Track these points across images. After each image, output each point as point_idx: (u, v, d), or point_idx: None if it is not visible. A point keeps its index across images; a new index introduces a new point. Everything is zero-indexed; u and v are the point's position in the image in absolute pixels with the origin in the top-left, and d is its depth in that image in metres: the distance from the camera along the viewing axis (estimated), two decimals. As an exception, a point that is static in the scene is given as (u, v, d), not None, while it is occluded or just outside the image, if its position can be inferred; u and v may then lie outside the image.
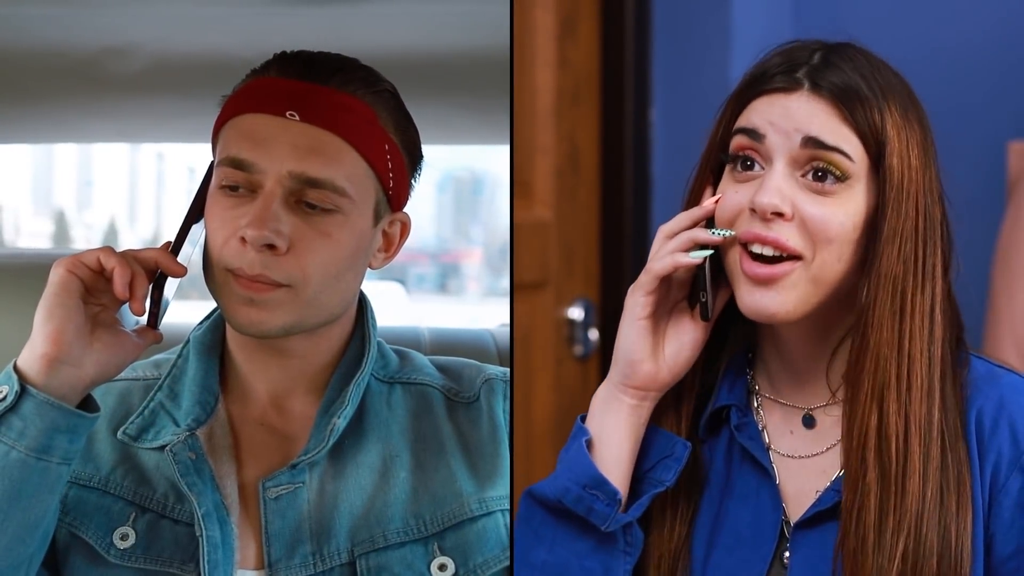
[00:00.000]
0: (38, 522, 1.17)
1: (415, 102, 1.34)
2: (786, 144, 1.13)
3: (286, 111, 1.23)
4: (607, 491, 1.16)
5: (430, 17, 1.67)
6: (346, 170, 1.24)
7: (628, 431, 1.19)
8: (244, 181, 1.23)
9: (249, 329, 1.24)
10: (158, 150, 13.47)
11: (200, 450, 1.27)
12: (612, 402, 1.20)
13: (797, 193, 1.13)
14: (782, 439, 1.22)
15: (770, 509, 1.19)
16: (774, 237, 1.12)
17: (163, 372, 1.34)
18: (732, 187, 1.16)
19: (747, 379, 1.24)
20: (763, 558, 1.18)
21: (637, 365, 1.18)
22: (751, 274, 1.14)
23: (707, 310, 1.18)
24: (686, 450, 1.19)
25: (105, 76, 1.76)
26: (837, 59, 1.15)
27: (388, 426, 1.31)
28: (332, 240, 1.24)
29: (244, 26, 1.68)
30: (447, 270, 14.56)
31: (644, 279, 1.18)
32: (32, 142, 2.13)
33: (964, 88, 2.14)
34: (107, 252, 1.19)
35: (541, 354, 2.19)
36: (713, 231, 1.16)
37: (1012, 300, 1.90)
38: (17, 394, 1.14)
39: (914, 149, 1.13)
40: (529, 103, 2.14)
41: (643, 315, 1.18)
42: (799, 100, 1.13)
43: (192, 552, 1.23)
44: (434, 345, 1.89)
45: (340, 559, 1.25)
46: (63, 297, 1.16)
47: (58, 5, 1.64)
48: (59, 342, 1.15)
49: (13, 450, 1.14)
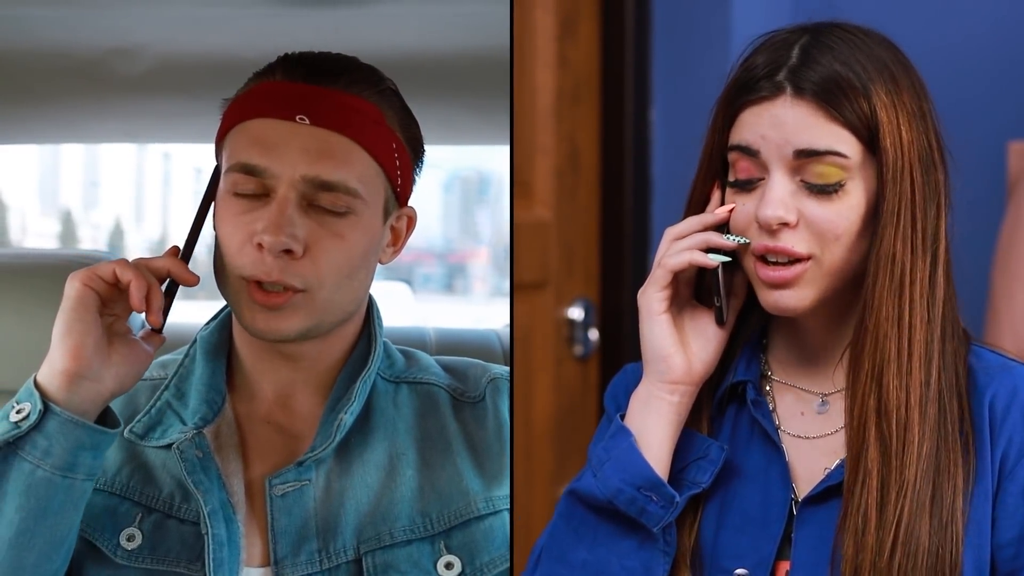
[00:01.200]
0: (64, 538, 1.18)
1: (415, 102, 1.34)
2: (780, 155, 1.14)
3: (296, 115, 1.23)
4: (664, 493, 1.17)
5: (430, 18, 1.67)
6: (357, 171, 1.25)
7: (669, 429, 1.19)
8: (256, 186, 1.23)
9: (267, 335, 1.24)
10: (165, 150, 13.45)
11: (207, 448, 1.27)
12: (652, 400, 1.20)
13: (799, 199, 1.14)
14: (792, 420, 1.23)
15: (779, 488, 1.20)
16: (783, 247, 1.14)
17: (169, 372, 1.35)
18: (739, 199, 1.18)
19: (760, 361, 1.26)
20: (772, 537, 1.19)
21: (670, 359, 1.19)
22: (767, 279, 1.16)
23: (722, 315, 1.20)
24: (722, 453, 1.20)
25: (110, 77, 1.76)
26: (816, 51, 1.14)
27: (394, 425, 1.32)
28: (346, 241, 1.24)
29: (248, 27, 1.68)
30: (453, 270, 14.55)
31: (658, 274, 1.19)
32: (38, 142, 2.14)
33: (964, 88, 2.13)
34: (123, 265, 1.19)
35: (541, 354, 2.19)
36: (728, 237, 1.18)
37: (1012, 300, 1.90)
38: (41, 412, 1.14)
39: (905, 124, 1.14)
40: (529, 103, 2.14)
41: (661, 309, 1.19)
42: (784, 107, 1.14)
43: (199, 551, 1.23)
44: (440, 345, 1.89)
45: (346, 556, 1.25)
46: (80, 312, 1.16)
47: (63, 6, 1.65)
48: (79, 357, 1.15)
49: (39, 469, 1.14)
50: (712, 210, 1.20)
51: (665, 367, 1.19)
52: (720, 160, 1.20)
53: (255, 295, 1.23)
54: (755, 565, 1.18)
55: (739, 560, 1.19)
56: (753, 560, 1.18)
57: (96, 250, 1.81)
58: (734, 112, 1.17)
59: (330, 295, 1.25)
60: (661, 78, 2.28)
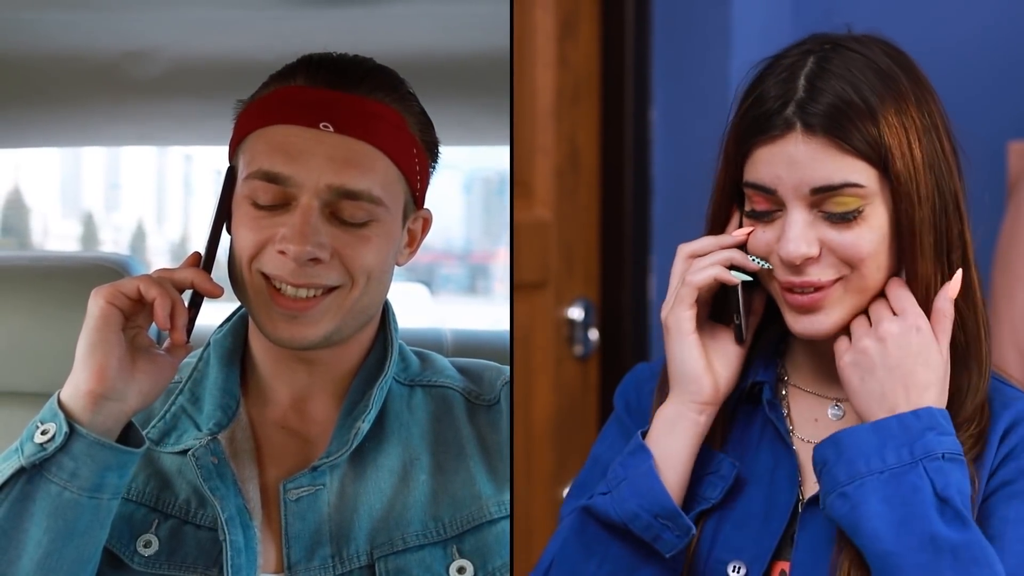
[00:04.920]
0: (91, 556, 1.18)
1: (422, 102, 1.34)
2: (797, 194, 1.14)
3: (319, 122, 1.23)
4: (680, 524, 1.16)
5: (430, 18, 1.67)
6: (380, 178, 1.25)
7: (692, 450, 1.20)
8: (277, 194, 1.22)
9: (291, 343, 1.24)
10: (186, 152, 13.44)
11: (222, 454, 1.27)
12: (680, 421, 1.19)
13: (821, 230, 1.15)
14: (805, 425, 1.23)
15: (786, 488, 1.20)
16: (809, 280, 1.15)
17: (183, 376, 1.34)
18: (757, 226, 1.18)
19: (776, 366, 1.26)
20: (773, 533, 1.19)
21: (701, 380, 1.19)
22: (795, 304, 1.16)
23: (741, 333, 1.21)
24: (734, 470, 1.21)
25: (126, 80, 1.77)
26: (821, 81, 1.14)
27: (408, 429, 1.31)
28: (372, 244, 1.24)
29: (263, 29, 1.68)
30: (475, 271, 14.53)
31: (684, 292, 1.19)
32: (55, 145, 2.14)
33: (964, 88, 2.13)
34: (147, 282, 1.18)
35: (541, 354, 2.19)
36: (752, 259, 1.18)
37: (1012, 300, 1.90)
38: (67, 435, 1.14)
39: (915, 141, 1.14)
40: (529, 103, 2.14)
41: (691, 329, 1.19)
42: (796, 144, 1.13)
43: (215, 557, 1.23)
44: (457, 347, 1.88)
45: (359, 562, 1.25)
46: (105, 332, 1.16)
47: (79, 10, 1.66)
48: (103, 379, 1.15)
49: (65, 491, 1.14)
50: (731, 231, 1.21)
51: (697, 388, 1.19)
52: (735, 190, 1.20)
53: (278, 303, 1.22)
54: (752, 559, 1.18)
55: (736, 554, 1.19)
56: (751, 554, 1.18)
57: (116, 253, 1.81)
58: (746, 149, 1.17)
59: (360, 295, 1.25)
60: (661, 78, 2.28)
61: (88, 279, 1.73)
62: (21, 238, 12.23)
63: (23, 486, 1.14)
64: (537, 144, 2.17)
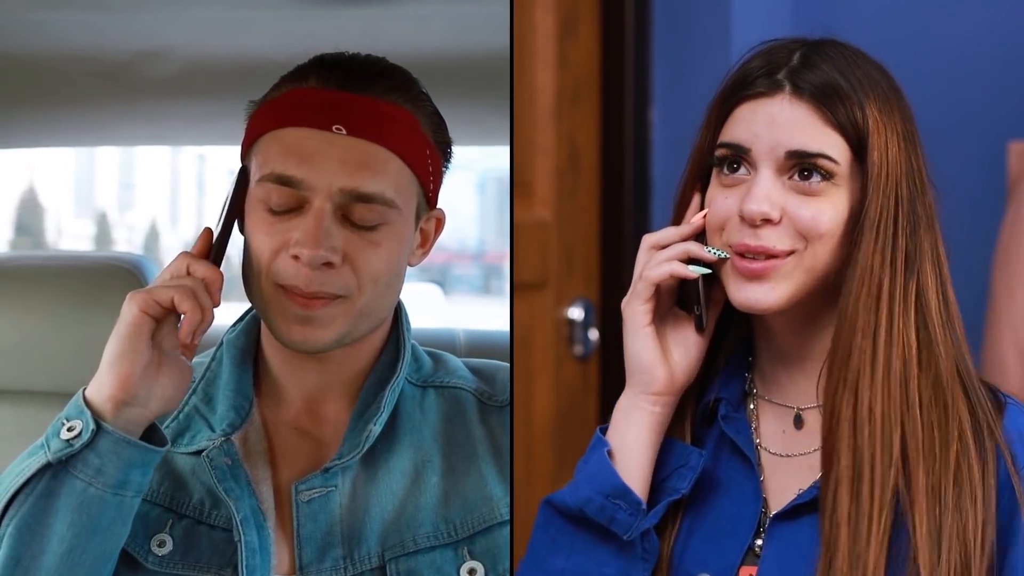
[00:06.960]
0: (112, 553, 1.19)
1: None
2: (772, 156, 1.15)
3: (332, 125, 1.22)
4: (630, 500, 1.17)
5: (430, 18, 1.67)
6: (393, 181, 1.24)
7: (649, 439, 1.20)
8: (290, 197, 1.22)
9: (303, 346, 1.24)
10: (199, 152, 13.48)
11: (236, 455, 1.27)
12: (634, 411, 1.20)
13: (785, 196, 1.15)
14: (774, 438, 1.23)
15: (751, 500, 1.20)
16: (763, 247, 1.14)
17: (196, 376, 1.34)
18: (721, 193, 1.18)
19: (744, 380, 1.25)
20: (738, 547, 1.19)
21: (654, 372, 1.20)
22: (744, 271, 1.16)
23: (701, 323, 1.21)
24: (701, 459, 1.21)
25: (139, 80, 1.77)
26: (817, 58, 1.16)
27: (421, 431, 1.31)
28: (382, 249, 1.24)
29: (276, 29, 1.68)
30: (488, 271, 14.54)
31: (640, 287, 1.20)
32: (67, 145, 2.15)
33: (964, 88, 2.13)
34: (182, 295, 1.17)
35: (541, 354, 2.19)
36: (709, 249, 1.18)
37: (1012, 300, 1.90)
38: (93, 432, 1.15)
39: (894, 142, 1.15)
40: (529, 103, 2.15)
41: (646, 322, 1.20)
42: (781, 104, 1.14)
43: (229, 557, 1.24)
44: (469, 347, 1.88)
45: (371, 563, 1.25)
46: (135, 341, 1.16)
47: (91, 10, 1.66)
48: (127, 386, 1.16)
49: (90, 487, 1.15)
50: (689, 217, 1.21)
51: (649, 379, 1.20)
52: (707, 160, 1.20)
53: (291, 302, 1.22)
54: (718, 571, 1.19)
55: (703, 566, 1.19)
56: (717, 566, 1.19)
57: (130, 252, 1.81)
58: (729, 108, 1.18)
59: (368, 302, 1.24)
60: (661, 78, 2.28)
61: (101, 279, 1.74)
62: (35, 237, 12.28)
63: (48, 482, 1.15)
64: (537, 144, 2.17)
